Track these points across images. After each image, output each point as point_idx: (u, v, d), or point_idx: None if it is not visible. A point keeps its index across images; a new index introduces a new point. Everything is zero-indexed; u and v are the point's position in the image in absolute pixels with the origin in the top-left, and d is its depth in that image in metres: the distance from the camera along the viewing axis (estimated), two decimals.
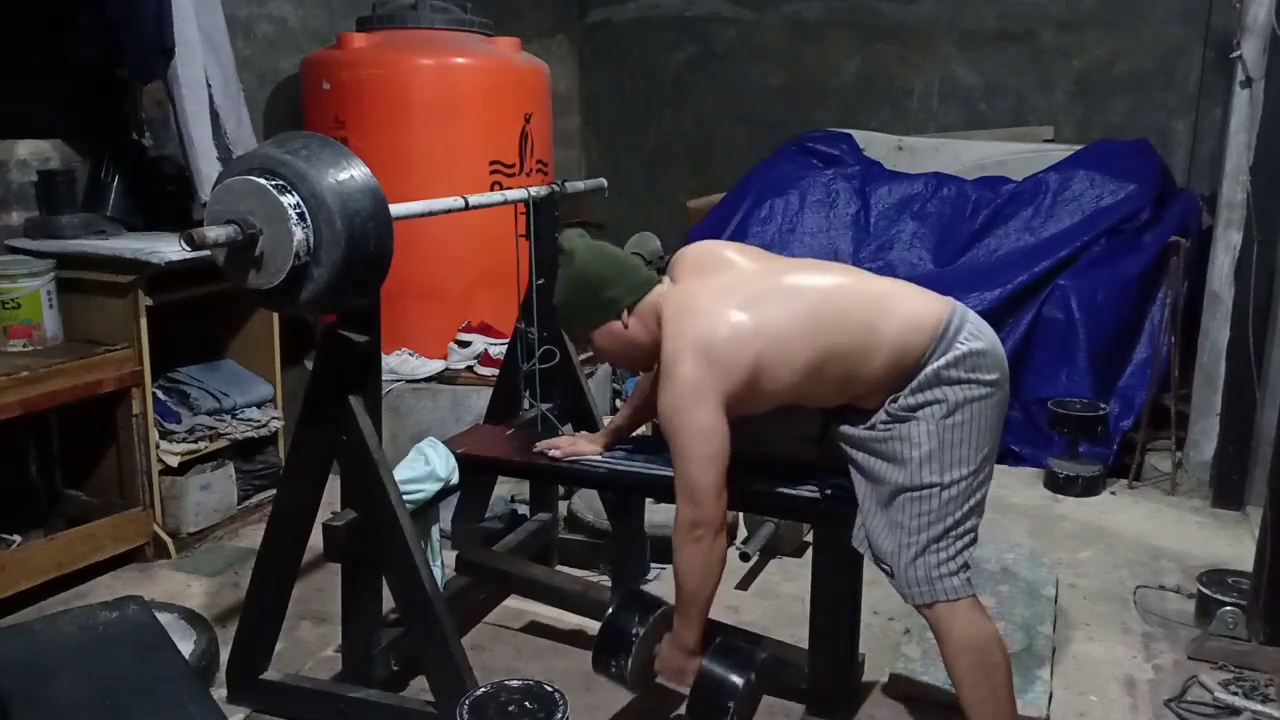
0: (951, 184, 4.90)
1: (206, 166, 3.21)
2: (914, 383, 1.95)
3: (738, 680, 1.99)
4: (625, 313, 2.08)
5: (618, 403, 4.47)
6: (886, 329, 1.94)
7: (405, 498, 2.19)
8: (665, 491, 2.47)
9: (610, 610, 2.13)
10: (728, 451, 1.92)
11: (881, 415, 1.98)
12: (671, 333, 1.96)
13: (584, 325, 2.15)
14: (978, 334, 1.97)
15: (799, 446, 2.21)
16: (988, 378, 1.95)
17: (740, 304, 1.93)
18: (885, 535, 1.97)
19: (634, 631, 2.06)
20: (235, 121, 3.34)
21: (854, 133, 5.36)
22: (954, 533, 1.94)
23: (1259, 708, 2.36)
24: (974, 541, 2.00)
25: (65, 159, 3.32)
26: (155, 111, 3.37)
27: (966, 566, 1.97)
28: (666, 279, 2.13)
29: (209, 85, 3.26)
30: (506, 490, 3.40)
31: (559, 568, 3.01)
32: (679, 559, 1.97)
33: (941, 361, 1.93)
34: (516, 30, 4.61)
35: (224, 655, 2.40)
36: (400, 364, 3.90)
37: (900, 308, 1.98)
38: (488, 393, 3.09)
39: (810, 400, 2.04)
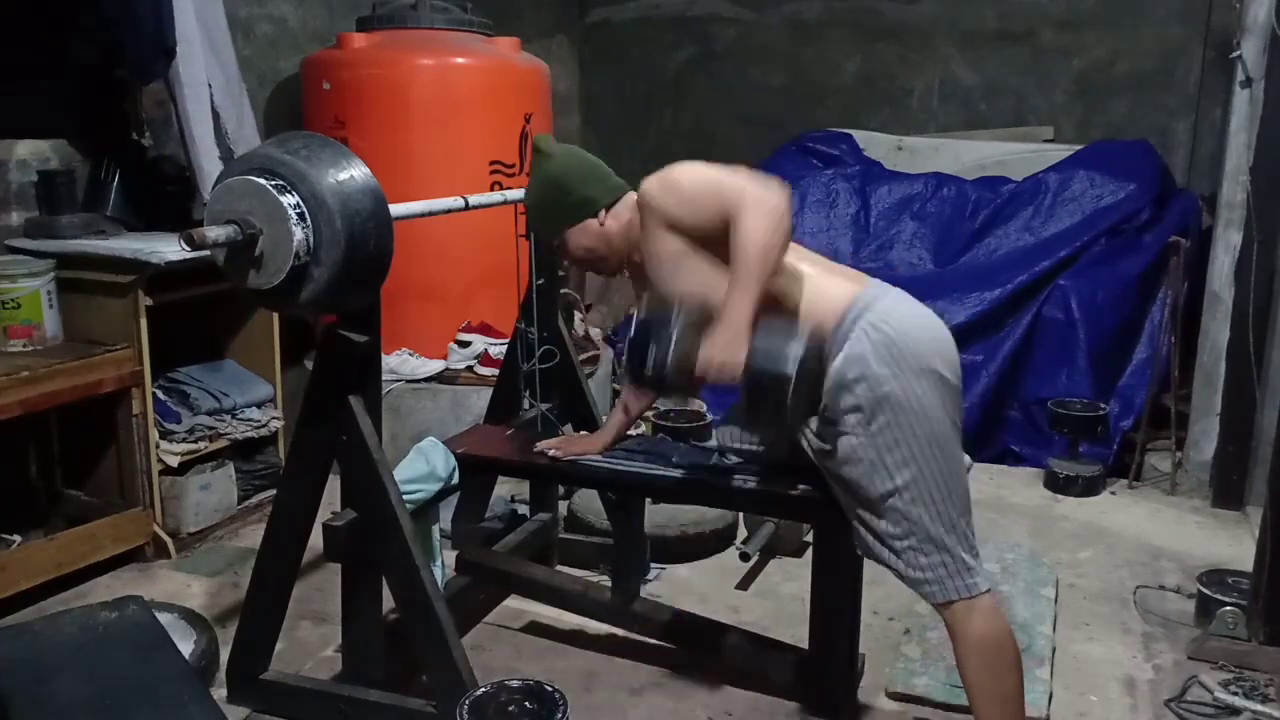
0: (951, 184, 4.91)
1: (209, 165, 3.21)
2: (827, 386, 1.92)
3: (795, 346, 1.79)
4: (603, 212, 2.13)
5: (617, 402, 4.46)
6: (796, 302, 1.95)
7: (405, 498, 2.19)
8: (665, 491, 2.49)
9: (637, 320, 1.96)
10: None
11: (816, 423, 1.97)
12: (660, 172, 2.04)
13: (557, 223, 2.19)
14: (878, 323, 1.89)
15: (798, 447, 2.21)
16: (896, 369, 1.86)
17: None
18: (878, 544, 1.97)
19: (671, 328, 1.87)
20: (237, 121, 3.34)
21: (854, 133, 5.36)
22: (938, 528, 1.89)
23: (1259, 708, 2.36)
24: (969, 528, 1.94)
25: (65, 159, 3.32)
26: (155, 111, 3.38)
27: (976, 559, 1.93)
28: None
29: (209, 84, 3.26)
30: (506, 490, 3.40)
31: (559, 568, 3.01)
32: (741, 229, 1.84)
33: (839, 360, 1.89)
34: (516, 30, 4.61)
35: (224, 655, 2.39)
36: (400, 364, 3.90)
37: (810, 286, 1.97)
38: (488, 393, 3.09)
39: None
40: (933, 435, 1.88)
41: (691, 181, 1.99)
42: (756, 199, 1.87)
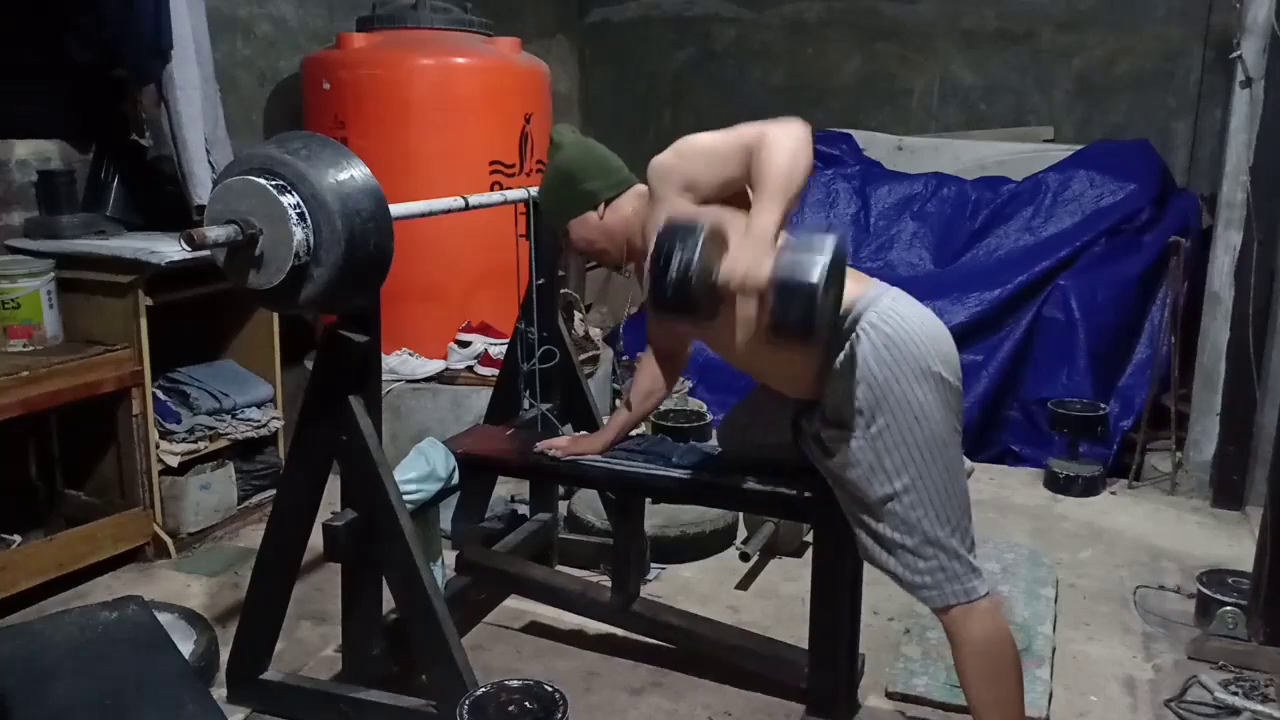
0: (951, 184, 4.91)
1: (200, 169, 3.21)
2: (827, 387, 1.92)
3: (817, 256, 1.70)
4: (602, 205, 2.15)
5: (617, 403, 4.46)
6: None
7: (405, 498, 2.19)
8: (665, 491, 2.49)
9: (658, 238, 1.83)
10: None
11: (818, 424, 1.97)
12: (669, 148, 2.01)
13: (561, 213, 2.22)
14: (879, 324, 1.88)
15: (797, 448, 2.21)
16: (896, 371, 1.85)
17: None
18: (877, 548, 1.96)
19: (697, 234, 1.77)
20: (213, 124, 3.34)
21: (854, 133, 5.36)
22: (938, 531, 1.89)
23: (1259, 708, 2.36)
24: (968, 532, 1.94)
25: (65, 159, 3.32)
26: (155, 111, 3.37)
27: (973, 565, 1.92)
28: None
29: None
30: (506, 490, 3.40)
31: (559, 568, 3.01)
32: (765, 147, 1.82)
33: (839, 361, 1.89)
34: (516, 30, 4.61)
35: (224, 655, 2.40)
36: (400, 364, 3.90)
37: None
38: (488, 393, 3.09)
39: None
40: (932, 438, 1.87)
41: (709, 137, 1.96)
42: (778, 129, 1.85)
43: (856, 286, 1.94)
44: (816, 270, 1.68)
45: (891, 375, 1.86)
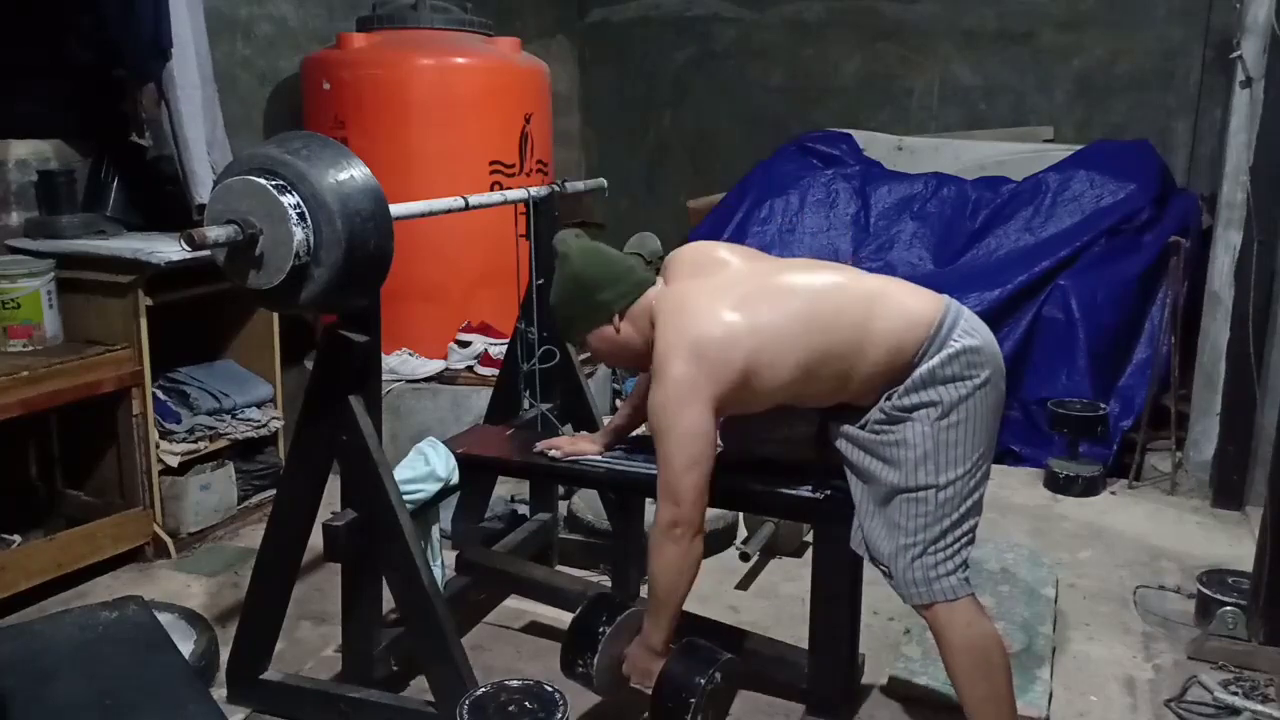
0: (951, 184, 4.90)
1: (200, 169, 3.21)
2: (908, 381, 1.95)
3: (699, 680, 1.99)
4: (616, 317, 2.09)
5: (618, 403, 4.47)
6: (879, 328, 1.95)
7: (405, 498, 2.19)
8: None
9: (578, 612, 2.14)
10: (713, 455, 1.93)
11: (876, 414, 1.98)
12: (664, 332, 1.97)
13: (576, 326, 2.16)
14: (971, 331, 1.98)
15: (798, 446, 2.21)
16: (982, 375, 1.95)
17: (734, 304, 1.93)
18: (883, 537, 1.97)
19: (600, 631, 2.08)
20: (212, 124, 3.34)
21: (854, 133, 5.36)
22: (952, 534, 1.94)
23: (1259, 708, 2.36)
24: (972, 541, 2.00)
25: (65, 159, 3.32)
26: (155, 111, 3.37)
27: (965, 566, 1.97)
28: (660, 280, 2.13)
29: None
30: (506, 490, 3.39)
31: (559, 568, 3.01)
32: (654, 558, 1.98)
33: (935, 360, 1.93)
34: (516, 30, 4.61)
35: (224, 655, 2.40)
36: (400, 364, 3.90)
37: (893, 306, 1.98)
38: (488, 393, 3.09)
39: (804, 400, 2.04)
40: (986, 446, 1.98)
41: (657, 414, 1.93)
42: (670, 519, 1.94)
43: (935, 301, 2.01)
44: (698, 695, 1.97)
45: (977, 379, 1.95)
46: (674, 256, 2.17)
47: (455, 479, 2.44)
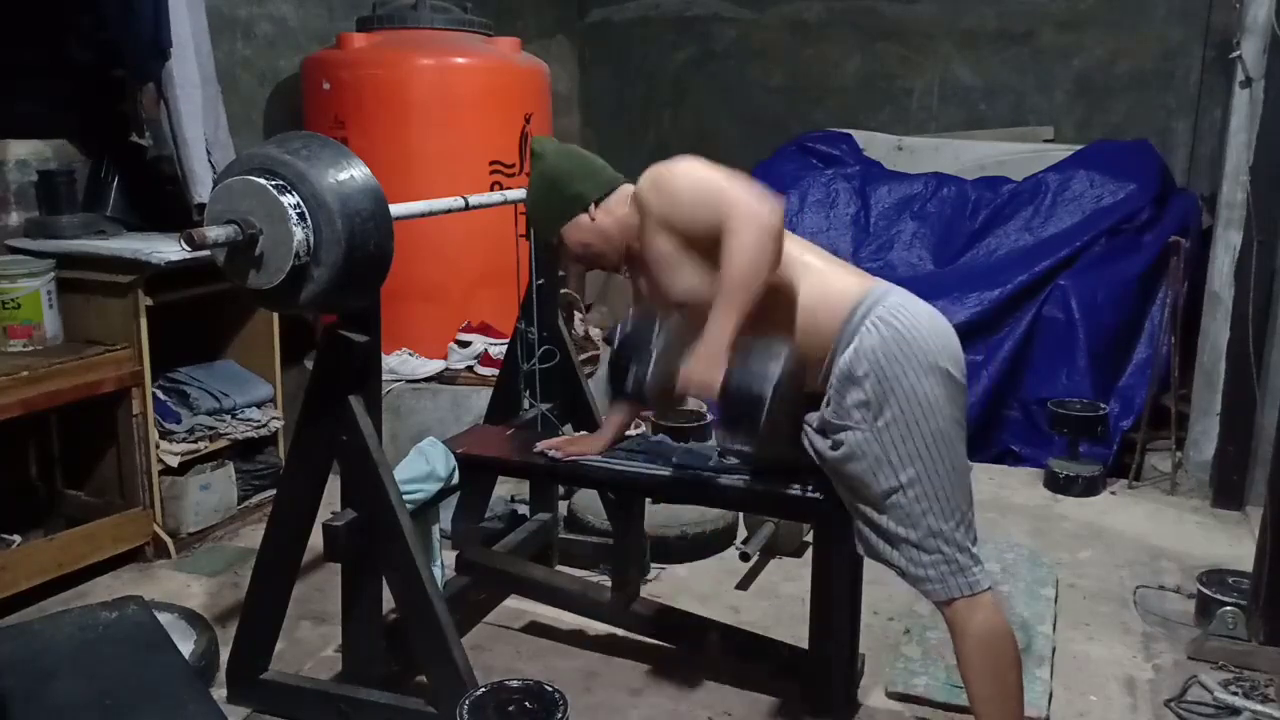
0: (951, 184, 4.91)
1: (200, 168, 3.21)
2: (834, 380, 1.93)
3: (773, 368, 1.87)
4: (593, 206, 2.13)
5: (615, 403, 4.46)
6: (799, 293, 1.97)
7: (405, 498, 2.19)
8: (665, 491, 2.49)
9: (623, 332, 2.08)
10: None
11: (825, 415, 1.98)
12: (657, 167, 2.05)
13: (552, 221, 2.19)
14: (887, 319, 1.91)
15: (797, 447, 2.21)
16: (905, 364, 1.88)
17: None
18: (880, 542, 1.97)
19: (653, 338, 2.01)
20: (214, 124, 3.34)
21: (854, 133, 5.36)
22: (944, 524, 1.90)
23: (1259, 708, 2.36)
24: (970, 525, 1.95)
25: (65, 159, 3.31)
26: (155, 111, 3.37)
27: (977, 556, 1.94)
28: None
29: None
30: (506, 490, 3.40)
31: (559, 568, 3.01)
32: (732, 243, 1.87)
33: (847, 354, 1.91)
34: (516, 30, 4.61)
35: (224, 655, 2.40)
36: (400, 364, 3.90)
37: (817, 279, 1.99)
38: (488, 393, 3.09)
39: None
40: (939, 432, 1.89)
41: (686, 185, 2.00)
42: (748, 214, 1.88)
43: (861, 283, 1.99)
44: (767, 383, 1.85)
45: (900, 369, 1.88)
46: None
47: (455, 479, 2.44)
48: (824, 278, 2.01)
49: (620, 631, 2.65)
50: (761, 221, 1.87)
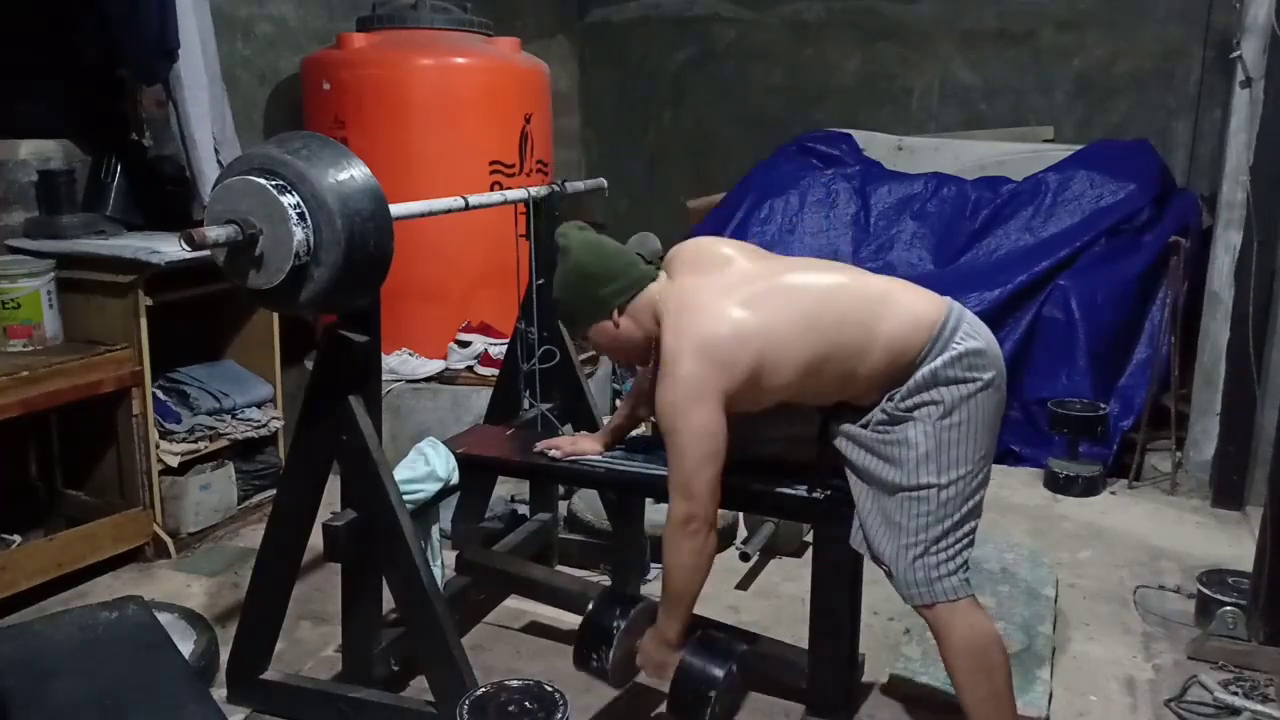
0: (951, 184, 4.90)
1: (209, 168, 3.21)
2: (911, 382, 1.95)
3: (718, 672, 2.00)
4: (616, 312, 2.08)
5: (617, 402, 4.46)
6: (883, 329, 1.96)
7: (405, 498, 2.19)
8: (665, 491, 2.48)
9: (591, 605, 2.15)
10: (724, 450, 1.93)
11: (878, 414, 1.99)
12: (672, 330, 1.97)
13: (578, 321, 2.17)
14: (974, 333, 1.99)
15: (799, 446, 2.21)
16: (984, 376, 1.97)
17: (741, 302, 1.94)
18: (884, 537, 1.98)
19: (615, 625, 2.09)
20: (221, 122, 3.34)
21: (854, 133, 5.36)
22: (953, 534, 1.95)
23: (1259, 708, 2.36)
24: (972, 543, 2.00)
25: (66, 159, 3.31)
26: (155, 111, 3.37)
27: (966, 566, 1.98)
28: (663, 275, 2.13)
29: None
30: (506, 490, 3.40)
31: (559, 568, 3.01)
32: (669, 554, 1.98)
33: (938, 361, 1.94)
34: (516, 30, 4.61)
35: (224, 655, 2.40)
36: (400, 364, 3.90)
37: (898, 307, 1.99)
38: (488, 393, 3.09)
39: (807, 398, 2.05)
40: (988, 447, 2.00)
41: (666, 414, 1.93)
42: (684, 516, 1.93)
43: (939, 304, 2.02)
44: (716, 687, 1.98)
45: (981, 381, 1.97)
46: (677, 251, 2.17)
47: (455, 479, 2.44)
48: (903, 306, 1.99)
49: None
50: (694, 527, 1.93)
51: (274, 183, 1.87)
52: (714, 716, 1.99)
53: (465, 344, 3.98)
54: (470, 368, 3.95)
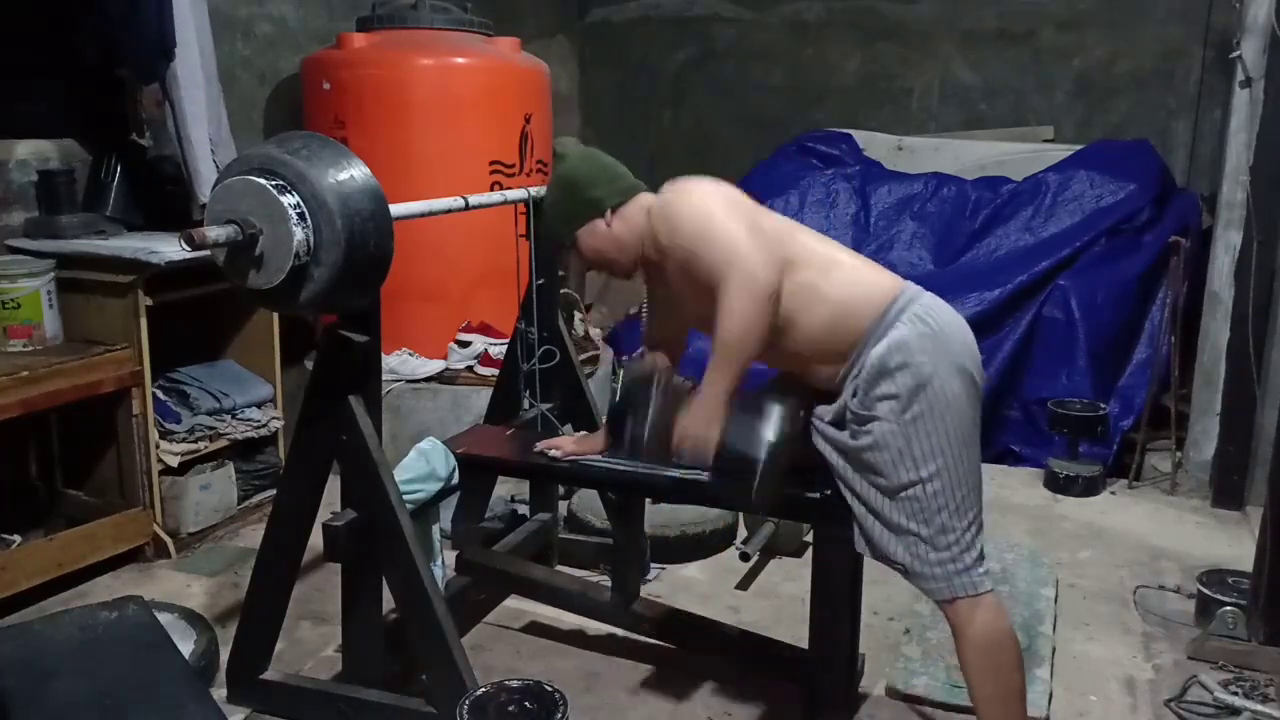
0: (951, 184, 4.91)
1: (205, 169, 3.21)
2: (864, 373, 1.94)
3: (767, 432, 1.92)
4: (609, 213, 2.12)
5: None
6: (834, 281, 1.98)
7: (405, 498, 2.19)
8: (665, 491, 2.49)
9: (624, 381, 2.11)
10: (761, 228, 1.96)
11: (848, 414, 1.98)
12: (669, 192, 2.06)
13: (567, 224, 2.18)
14: (924, 316, 1.94)
15: (799, 446, 2.21)
16: (937, 361, 1.91)
17: (728, 202, 2.02)
18: (889, 539, 1.97)
19: (652, 390, 2.04)
20: (217, 123, 3.34)
21: (854, 133, 5.36)
22: (957, 522, 1.92)
23: (1259, 708, 2.36)
24: (980, 529, 1.97)
25: (65, 159, 3.31)
26: (155, 111, 3.37)
27: (982, 558, 1.95)
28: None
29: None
30: (506, 490, 3.40)
31: (559, 568, 3.01)
32: (726, 310, 1.89)
33: (881, 347, 1.92)
34: (516, 30, 4.61)
35: (224, 655, 2.40)
36: (400, 364, 3.90)
37: (857, 274, 2.01)
38: (488, 393, 3.09)
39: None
40: (961, 432, 1.93)
41: (689, 220, 1.97)
42: (742, 276, 1.89)
43: (894, 281, 2.01)
44: (761, 447, 1.90)
45: (933, 364, 1.91)
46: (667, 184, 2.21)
47: (455, 479, 2.44)
48: (857, 274, 2.02)
49: (620, 631, 2.65)
50: (755, 287, 1.88)
51: (274, 183, 1.87)
52: (764, 476, 1.92)
53: (465, 344, 3.98)
54: (470, 368, 3.94)
